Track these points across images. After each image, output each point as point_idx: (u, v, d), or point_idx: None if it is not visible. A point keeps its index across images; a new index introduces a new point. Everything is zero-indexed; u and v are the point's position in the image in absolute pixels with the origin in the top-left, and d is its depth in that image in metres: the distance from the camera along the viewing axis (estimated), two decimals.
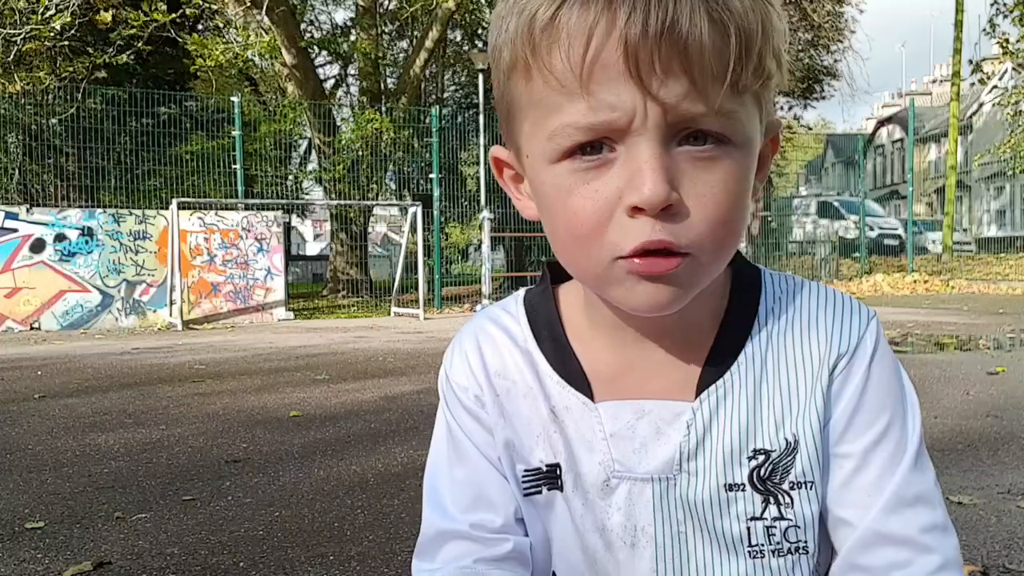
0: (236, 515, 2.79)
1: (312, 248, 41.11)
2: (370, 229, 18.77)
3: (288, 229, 17.50)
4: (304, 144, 20.12)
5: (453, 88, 22.30)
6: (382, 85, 17.57)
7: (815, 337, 0.72)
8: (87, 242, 10.66)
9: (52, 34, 11.73)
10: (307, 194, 18.58)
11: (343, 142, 14.73)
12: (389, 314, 12.38)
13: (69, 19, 11.64)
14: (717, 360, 0.71)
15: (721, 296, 0.73)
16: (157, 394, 5.24)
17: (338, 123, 15.84)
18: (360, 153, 14.21)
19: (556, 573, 0.79)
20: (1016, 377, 5.27)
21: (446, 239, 14.64)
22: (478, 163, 15.02)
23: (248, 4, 13.25)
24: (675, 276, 0.62)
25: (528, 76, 0.62)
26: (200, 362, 6.86)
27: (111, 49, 12.39)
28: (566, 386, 0.74)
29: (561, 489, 0.75)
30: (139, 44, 12.59)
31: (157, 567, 2.33)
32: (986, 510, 2.66)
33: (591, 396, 0.73)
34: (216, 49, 12.95)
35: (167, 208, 10.86)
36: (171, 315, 10.71)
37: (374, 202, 15.32)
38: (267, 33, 13.91)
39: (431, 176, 13.65)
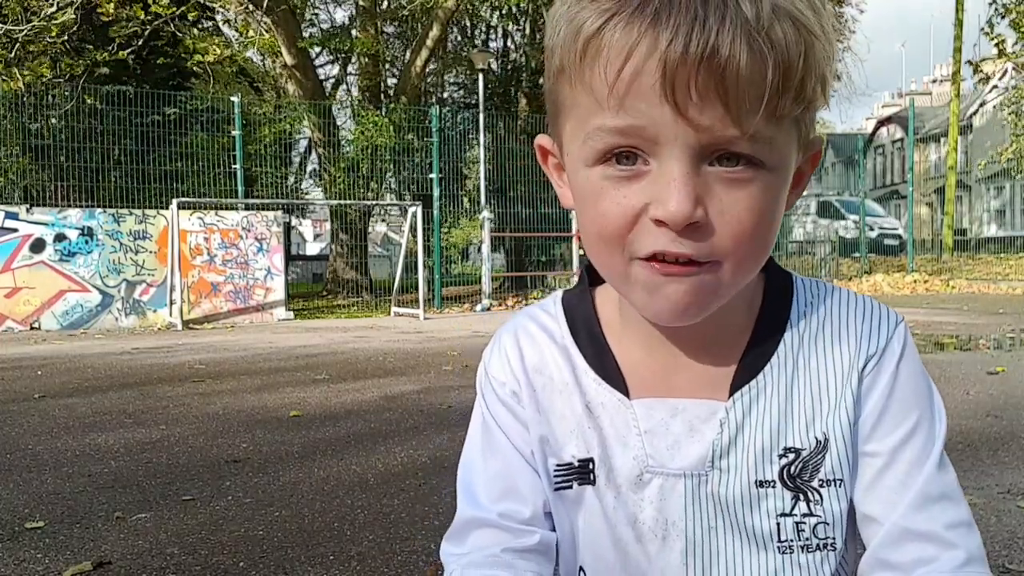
0: (236, 515, 2.79)
1: (312, 248, 41.06)
2: (370, 229, 18.76)
3: (288, 229, 17.49)
4: (304, 144, 20.11)
5: (453, 88, 22.30)
6: (382, 85, 17.56)
7: (845, 339, 0.74)
8: (87, 242, 10.66)
9: (55, 31, 11.72)
10: (307, 194, 18.56)
11: (343, 144, 14.74)
12: (389, 314, 12.38)
13: (72, 16, 11.64)
14: (750, 361, 0.74)
15: (754, 300, 0.76)
16: (157, 394, 5.24)
17: (339, 123, 15.84)
18: (361, 155, 14.21)
19: (583, 567, 0.80)
20: (1016, 377, 5.27)
21: (446, 239, 14.64)
22: (478, 163, 15.02)
23: (248, 3, 13.25)
24: (693, 280, 0.64)
25: (571, 83, 0.64)
26: (200, 362, 6.86)
27: (112, 46, 12.38)
28: (602, 383, 0.76)
29: (593, 483, 0.76)
30: (138, 42, 12.59)
31: (157, 567, 2.33)
32: (986, 510, 2.66)
33: (627, 393, 0.76)
34: (215, 46, 12.94)
35: (167, 208, 10.86)
36: (171, 315, 10.72)
37: (374, 202, 15.32)
38: (267, 32, 13.91)
39: (431, 176, 13.65)
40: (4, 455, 3.66)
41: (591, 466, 0.76)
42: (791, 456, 0.72)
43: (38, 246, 10.44)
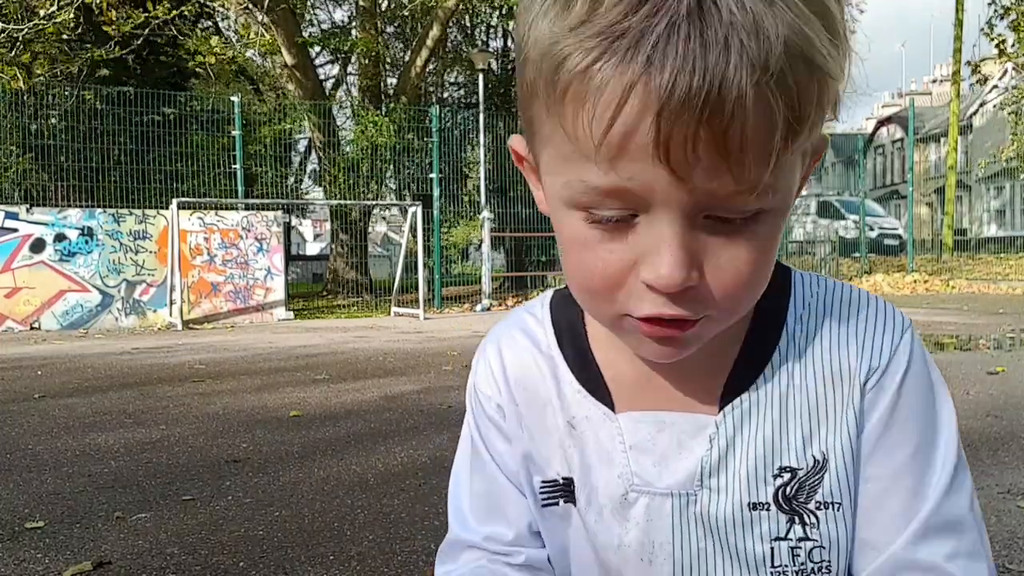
0: (236, 515, 2.79)
1: (312, 248, 41.12)
2: (370, 229, 18.77)
3: (288, 229, 17.50)
4: (304, 144, 20.13)
5: (453, 88, 22.32)
6: (382, 85, 17.57)
7: (846, 348, 0.68)
8: (87, 242, 10.66)
9: (60, 33, 11.73)
10: (307, 194, 18.55)
11: (343, 144, 14.76)
12: (389, 314, 12.38)
13: (72, 15, 11.64)
14: (742, 371, 0.69)
15: None
16: (157, 394, 5.24)
17: (339, 123, 15.86)
18: (361, 155, 14.22)
19: None
20: (1016, 377, 5.27)
21: (446, 239, 14.64)
22: (479, 163, 15.03)
23: (248, 3, 13.26)
24: (684, 338, 0.60)
25: (547, 112, 0.55)
26: (200, 362, 6.86)
27: (110, 44, 12.39)
28: (587, 396, 0.73)
29: (575, 504, 0.74)
30: (138, 42, 12.59)
31: (157, 567, 2.33)
32: (986, 510, 2.65)
33: (612, 407, 0.72)
34: (215, 49, 12.96)
35: (167, 208, 10.86)
36: (171, 315, 10.72)
37: (374, 202, 15.32)
38: (267, 32, 13.91)
39: (431, 176, 13.66)
40: (4, 455, 3.66)
41: (572, 487, 0.74)
42: (787, 476, 0.67)
43: (38, 246, 10.44)
